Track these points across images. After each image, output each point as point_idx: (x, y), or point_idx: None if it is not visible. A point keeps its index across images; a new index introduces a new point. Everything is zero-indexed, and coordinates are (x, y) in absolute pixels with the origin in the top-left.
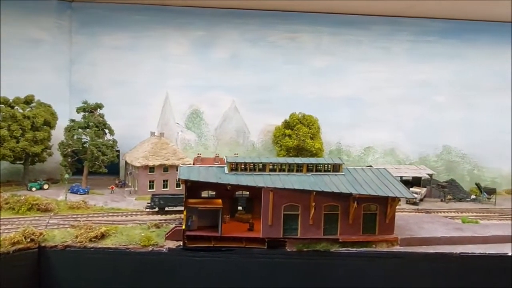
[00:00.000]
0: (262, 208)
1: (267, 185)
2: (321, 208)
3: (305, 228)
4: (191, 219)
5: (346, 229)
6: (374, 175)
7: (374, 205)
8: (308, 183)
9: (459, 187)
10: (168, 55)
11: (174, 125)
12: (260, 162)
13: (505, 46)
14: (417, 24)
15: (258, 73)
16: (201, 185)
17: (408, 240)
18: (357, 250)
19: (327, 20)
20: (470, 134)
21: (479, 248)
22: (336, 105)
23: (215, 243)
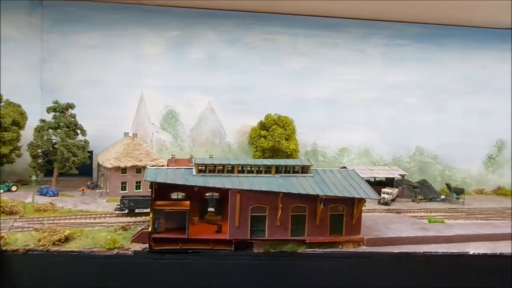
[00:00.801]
0: (229, 210)
1: (234, 186)
2: (288, 209)
3: (273, 229)
4: (157, 221)
5: (313, 230)
6: (342, 176)
7: (341, 206)
8: (275, 184)
9: (431, 188)
10: (143, 54)
11: (149, 126)
12: (229, 163)
13: (474, 50)
14: (391, 28)
15: (234, 74)
16: (170, 187)
17: (374, 240)
18: (323, 250)
19: (303, 22)
20: (441, 135)
21: (442, 247)
22: (312, 107)
23: (182, 245)
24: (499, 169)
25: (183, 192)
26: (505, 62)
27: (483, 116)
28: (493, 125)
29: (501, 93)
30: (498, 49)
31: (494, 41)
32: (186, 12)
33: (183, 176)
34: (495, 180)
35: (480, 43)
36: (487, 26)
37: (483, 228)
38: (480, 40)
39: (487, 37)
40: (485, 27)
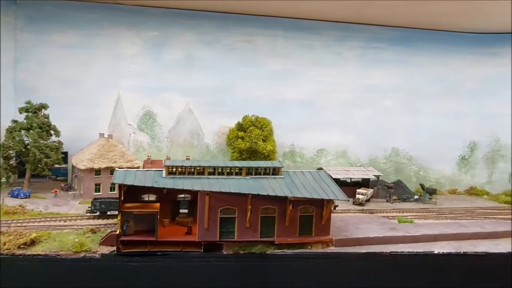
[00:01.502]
0: (198, 212)
1: (203, 188)
2: (258, 211)
3: (242, 231)
4: (126, 223)
5: (283, 231)
6: (312, 178)
7: (311, 207)
8: (245, 186)
9: (405, 188)
10: (120, 54)
11: (126, 127)
12: (199, 165)
13: (447, 54)
14: (367, 31)
15: (213, 75)
16: (141, 189)
17: (343, 240)
18: (292, 251)
19: (282, 24)
20: (416, 137)
21: (409, 247)
22: (290, 108)
23: (151, 247)
24: (472, 170)
25: (154, 194)
26: (477, 65)
27: (456, 118)
28: (466, 127)
29: (473, 96)
30: (470, 53)
31: (466, 45)
32: (165, 12)
33: (152, 178)
34: (467, 180)
35: (452, 47)
36: (459, 31)
37: (450, 227)
38: (453, 44)
39: (459, 41)
40: (458, 31)
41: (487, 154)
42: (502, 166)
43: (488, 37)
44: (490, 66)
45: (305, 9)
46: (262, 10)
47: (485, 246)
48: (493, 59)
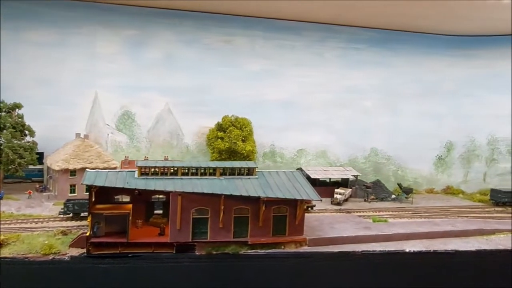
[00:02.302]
0: (170, 213)
1: (176, 189)
2: (231, 211)
3: (215, 231)
4: (97, 225)
5: (256, 231)
6: (286, 178)
7: (284, 207)
8: (219, 186)
9: (383, 187)
10: (98, 53)
11: (104, 127)
12: (172, 166)
13: (425, 56)
14: (347, 32)
15: (192, 75)
16: (114, 190)
17: (316, 240)
18: (265, 251)
19: (262, 25)
20: (395, 137)
21: (381, 245)
22: (271, 108)
23: (122, 249)
24: (448, 169)
25: (128, 195)
26: (453, 67)
27: (433, 118)
28: (443, 127)
29: (450, 97)
30: (447, 55)
31: (443, 47)
32: (143, 11)
33: (124, 179)
34: (444, 180)
35: (430, 48)
36: (437, 33)
37: (423, 226)
38: (431, 46)
39: (436, 43)
40: (435, 33)
41: (463, 154)
42: (477, 166)
43: (464, 40)
44: (465, 67)
45: (286, 10)
46: (241, 10)
47: (456, 244)
48: (468, 61)
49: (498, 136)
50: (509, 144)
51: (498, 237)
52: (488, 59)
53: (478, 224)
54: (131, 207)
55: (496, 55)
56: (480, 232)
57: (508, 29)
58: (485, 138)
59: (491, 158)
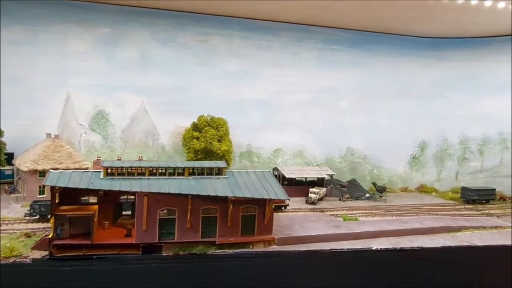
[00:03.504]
0: (136, 213)
1: (142, 189)
2: (199, 211)
3: (182, 231)
4: (60, 227)
5: (225, 231)
6: (256, 178)
7: (253, 207)
8: (186, 186)
9: (358, 186)
10: (70, 52)
11: (76, 127)
12: (139, 166)
13: (401, 57)
14: (324, 33)
15: (168, 74)
16: (80, 191)
17: (285, 239)
18: (234, 251)
19: (239, 25)
20: (370, 136)
21: (349, 244)
22: (248, 108)
23: (86, 251)
24: (422, 168)
25: (95, 196)
26: (427, 68)
27: (408, 118)
28: (417, 127)
29: (423, 97)
30: (420, 56)
31: (417, 49)
32: (117, 9)
33: (89, 180)
34: (418, 178)
35: (404, 50)
36: (411, 35)
37: (392, 224)
38: (405, 47)
39: (410, 45)
40: (409, 35)
41: (436, 153)
42: (449, 165)
43: (436, 41)
44: (438, 69)
45: (262, 10)
46: (218, 10)
47: (422, 241)
48: (441, 62)
49: (469, 135)
50: (479, 144)
51: (464, 234)
52: (459, 60)
53: (445, 221)
54: (96, 208)
55: (467, 57)
56: (447, 229)
57: (478, 31)
58: (457, 138)
59: (462, 157)
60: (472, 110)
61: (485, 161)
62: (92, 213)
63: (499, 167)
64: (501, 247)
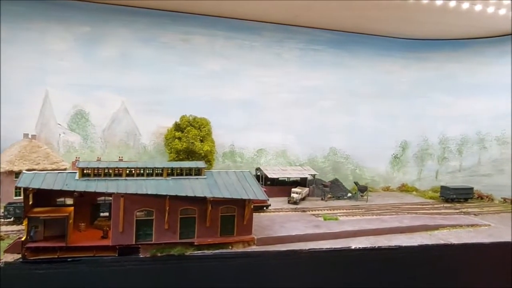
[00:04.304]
0: (112, 215)
1: (119, 190)
2: (177, 212)
3: (160, 232)
4: (34, 229)
5: (204, 232)
6: (236, 178)
7: (232, 207)
8: (164, 187)
9: (341, 186)
10: (49, 50)
11: (55, 126)
12: (116, 167)
13: (381, 57)
14: (306, 33)
15: (150, 74)
16: (56, 192)
17: (264, 239)
18: (212, 252)
19: (221, 24)
20: (353, 136)
21: (328, 243)
22: (230, 108)
23: (61, 254)
24: (403, 168)
25: (71, 197)
26: (408, 69)
27: (389, 118)
28: (398, 127)
29: (404, 98)
30: (401, 57)
31: (398, 50)
32: (97, 7)
33: (64, 181)
34: (399, 178)
35: (385, 51)
36: (391, 36)
37: (372, 223)
38: (386, 48)
39: (391, 46)
40: (390, 36)
41: (417, 153)
42: (430, 164)
43: (416, 43)
44: (418, 70)
45: (245, 10)
46: (200, 9)
47: (400, 240)
48: (420, 63)
49: (448, 135)
50: (458, 143)
51: (441, 232)
52: (438, 62)
53: (423, 220)
54: (71, 210)
55: (446, 58)
56: (425, 227)
57: (456, 33)
58: (436, 138)
59: (442, 157)
60: (451, 110)
61: (464, 161)
62: (67, 215)
63: (477, 166)
64: (476, 245)
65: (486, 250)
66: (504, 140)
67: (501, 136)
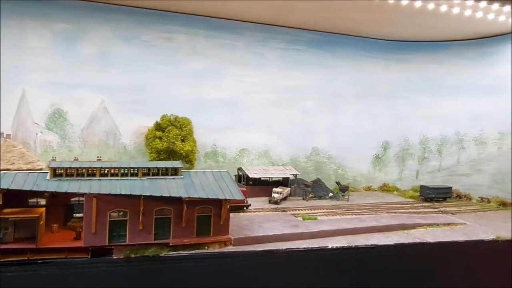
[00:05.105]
0: (84, 216)
1: (92, 191)
2: (152, 212)
3: (135, 233)
4: (4, 230)
5: (179, 232)
6: (213, 178)
7: (209, 207)
8: (139, 187)
9: (323, 186)
10: (26, 47)
11: (32, 126)
12: (90, 166)
13: (363, 58)
14: (288, 33)
15: (130, 72)
16: (27, 193)
17: (241, 239)
18: (188, 252)
19: (203, 23)
20: (335, 137)
21: (305, 243)
22: (212, 107)
23: (31, 255)
24: (385, 168)
25: (43, 198)
26: (389, 70)
27: (371, 118)
28: (380, 127)
29: (386, 98)
30: (382, 58)
31: (379, 51)
32: (77, 4)
33: (34, 181)
34: (381, 178)
35: (367, 52)
36: (372, 37)
37: (349, 222)
38: (367, 49)
39: (372, 47)
40: (371, 37)
41: (398, 153)
42: (410, 164)
43: (397, 44)
44: (399, 71)
45: (227, 9)
46: (182, 7)
47: (377, 239)
48: (401, 64)
49: (428, 136)
50: (438, 144)
51: (418, 231)
52: (419, 63)
53: (401, 219)
54: (42, 211)
55: (426, 60)
56: (402, 226)
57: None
58: (417, 138)
59: (422, 157)
60: (431, 111)
61: (443, 161)
62: (37, 216)
63: (456, 166)
64: (451, 243)
65: (460, 248)
66: (482, 140)
67: (479, 137)
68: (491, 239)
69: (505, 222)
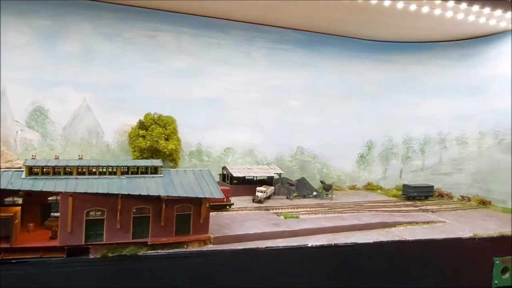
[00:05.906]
0: (60, 214)
1: (68, 189)
2: (130, 211)
3: (112, 232)
4: None
5: (158, 231)
6: (194, 176)
7: (188, 206)
8: (117, 186)
9: (307, 185)
10: (6, 44)
11: (12, 124)
12: (67, 165)
13: (349, 58)
14: (274, 32)
15: (113, 70)
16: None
17: (221, 238)
18: (166, 251)
19: (188, 21)
20: (320, 136)
21: (286, 241)
22: (197, 106)
23: (5, 255)
24: (369, 167)
25: (20, 196)
26: (374, 70)
27: (356, 118)
28: (365, 127)
29: (370, 98)
30: (369, 58)
31: (365, 51)
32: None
33: (8, 179)
34: (365, 177)
35: (353, 52)
36: (359, 37)
37: (330, 221)
38: (353, 49)
39: (359, 47)
40: (358, 38)
41: (382, 152)
42: (394, 163)
43: (382, 45)
44: (384, 71)
45: (212, 8)
46: (167, 5)
47: (357, 237)
48: (386, 65)
49: (412, 135)
50: (421, 143)
51: (398, 229)
52: (403, 63)
53: (382, 217)
54: (17, 210)
55: (410, 60)
56: (382, 225)
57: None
58: (401, 137)
59: (406, 156)
60: (415, 111)
61: (426, 160)
62: (12, 215)
63: (438, 165)
64: (430, 241)
65: (438, 246)
66: (463, 140)
67: (460, 136)
68: (468, 236)
69: (483, 220)
